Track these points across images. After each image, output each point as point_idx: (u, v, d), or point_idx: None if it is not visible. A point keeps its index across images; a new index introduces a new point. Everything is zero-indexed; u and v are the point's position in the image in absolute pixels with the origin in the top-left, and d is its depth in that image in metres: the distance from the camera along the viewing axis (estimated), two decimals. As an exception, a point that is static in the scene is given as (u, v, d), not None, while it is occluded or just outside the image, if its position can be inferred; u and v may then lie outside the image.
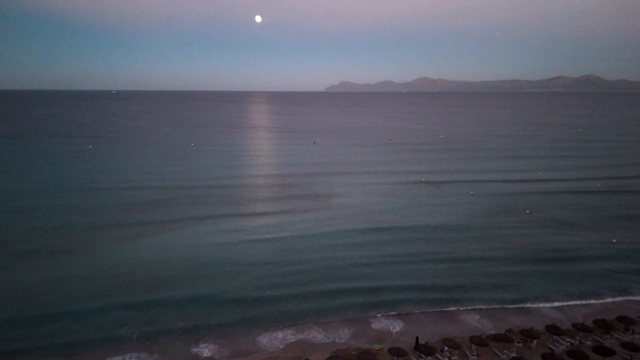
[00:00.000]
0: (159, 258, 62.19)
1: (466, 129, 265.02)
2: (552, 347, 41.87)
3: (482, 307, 49.93)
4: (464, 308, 49.68)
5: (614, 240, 70.44)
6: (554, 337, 43.21)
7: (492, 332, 44.26)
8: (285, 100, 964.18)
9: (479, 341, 41.10)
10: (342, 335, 44.55)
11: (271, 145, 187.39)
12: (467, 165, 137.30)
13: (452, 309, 49.54)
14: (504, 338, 41.90)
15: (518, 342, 42.50)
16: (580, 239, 71.40)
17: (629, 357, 40.02)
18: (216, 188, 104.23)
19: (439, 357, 40.22)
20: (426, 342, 41.84)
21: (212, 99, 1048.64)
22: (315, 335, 44.73)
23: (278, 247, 66.68)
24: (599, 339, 43.19)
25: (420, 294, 52.64)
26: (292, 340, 43.71)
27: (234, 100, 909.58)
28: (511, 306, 50.21)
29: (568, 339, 43.05)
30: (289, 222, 78.62)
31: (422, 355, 39.83)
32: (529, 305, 50.55)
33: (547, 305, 50.65)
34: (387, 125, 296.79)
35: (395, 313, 48.58)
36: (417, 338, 42.49)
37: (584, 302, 51.52)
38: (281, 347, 42.73)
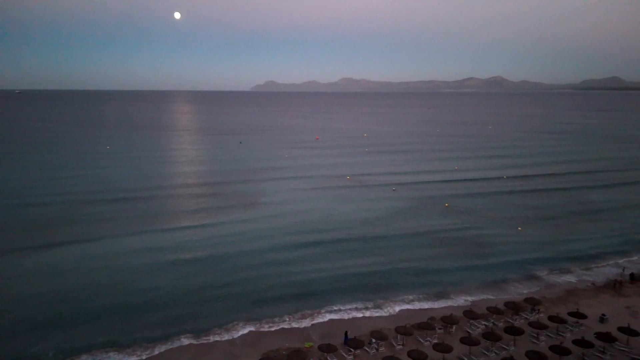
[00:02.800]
0: (62, 287, 53.74)
1: (388, 128, 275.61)
2: (469, 330, 44.93)
3: (407, 298, 52.43)
4: (390, 301, 51.74)
5: (520, 228, 77.15)
6: (471, 321, 46.39)
7: (416, 321, 46.50)
8: (210, 100, 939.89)
9: (404, 331, 43.03)
10: (272, 336, 44.45)
11: (196, 148, 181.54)
12: (390, 163, 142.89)
13: (379, 302, 51.37)
14: (426, 326, 44.28)
15: (439, 328, 45.09)
16: (491, 228, 77.40)
17: (535, 335, 44.05)
18: (134, 200, 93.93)
19: (367, 349, 41.51)
20: (355, 336, 42.94)
21: (131, 98, 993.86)
22: (245, 336, 44.19)
23: (204, 266, 60.73)
24: (510, 320, 47.07)
25: (348, 291, 53.94)
26: (222, 343, 42.93)
27: (155, 100, 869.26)
28: (433, 296, 53.12)
29: (483, 322, 46.44)
30: (216, 236, 72.37)
31: (351, 349, 40.86)
32: (448, 293, 53.82)
33: (464, 292, 54.23)
34: (313, 124, 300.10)
35: (324, 310, 49.38)
36: (346, 333, 43.49)
37: (496, 286, 55.85)
38: (211, 350, 41.73)
